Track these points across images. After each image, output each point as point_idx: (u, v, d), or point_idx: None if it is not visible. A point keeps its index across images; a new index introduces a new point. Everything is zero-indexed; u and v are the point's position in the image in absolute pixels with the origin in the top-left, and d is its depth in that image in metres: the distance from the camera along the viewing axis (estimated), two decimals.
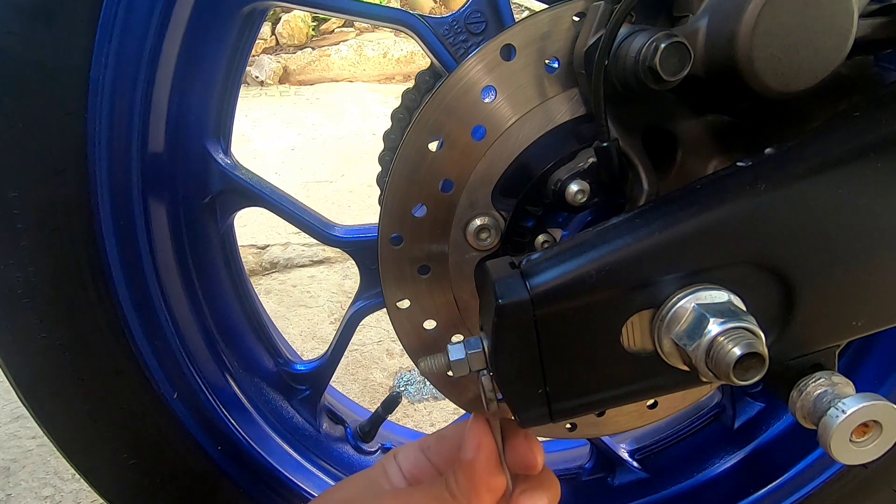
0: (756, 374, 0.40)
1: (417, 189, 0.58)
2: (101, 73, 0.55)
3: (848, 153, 0.44)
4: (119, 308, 0.62)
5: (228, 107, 0.69)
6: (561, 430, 0.68)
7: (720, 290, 0.45)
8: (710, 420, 0.89)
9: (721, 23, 0.45)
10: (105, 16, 0.54)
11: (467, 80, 0.55)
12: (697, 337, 0.42)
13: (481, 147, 0.56)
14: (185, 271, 0.70)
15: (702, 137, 0.55)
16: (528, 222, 0.59)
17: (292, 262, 2.23)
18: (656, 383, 0.48)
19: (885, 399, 0.43)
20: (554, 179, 0.56)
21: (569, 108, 0.56)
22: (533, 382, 0.46)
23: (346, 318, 0.78)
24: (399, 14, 0.62)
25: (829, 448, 0.44)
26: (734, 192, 0.45)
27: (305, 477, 0.79)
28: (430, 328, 0.64)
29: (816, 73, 0.45)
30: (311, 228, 0.74)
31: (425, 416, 1.52)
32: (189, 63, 0.62)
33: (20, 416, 1.43)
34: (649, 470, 0.88)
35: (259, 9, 0.65)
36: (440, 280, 0.61)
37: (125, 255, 0.62)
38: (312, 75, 4.58)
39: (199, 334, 0.72)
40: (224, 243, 0.75)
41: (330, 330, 1.87)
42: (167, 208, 0.67)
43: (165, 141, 0.64)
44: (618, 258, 0.44)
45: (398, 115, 0.71)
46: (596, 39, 0.51)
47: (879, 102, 0.47)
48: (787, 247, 0.45)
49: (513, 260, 0.48)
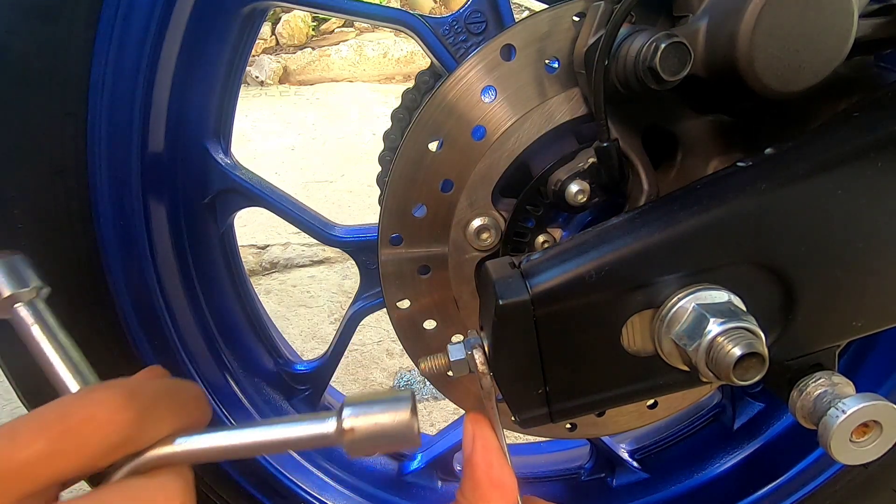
0: (756, 374, 0.40)
1: (417, 189, 0.58)
2: (101, 73, 0.55)
3: (848, 153, 0.44)
4: (119, 308, 0.62)
5: (228, 107, 0.69)
6: (561, 430, 0.68)
7: (720, 291, 0.45)
8: (710, 420, 0.89)
9: (721, 23, 0.45)
10: (105, 16, 0.54)
11: (467, 80, 0.55)
12: (697, 337, 0.42)
13: (481, 147, 0.56)
14: (185, 271, 0.70)
15: (702, 137, 0.55)
16: (528, 222, 0.59)
17: (292, 262, 2.23)
18: (656, 383, 0.48)
19: (885, 399, 0.43)
20: (554, 179, 0.56)
21: (569, 108, 0.56)
22: (533, 382, 0.46)
23: (346, 318, 0.79)
24: (399, 14, 0.62)
25: (829, 448, 0.44)
26: (734, 192, 0.45)
27: (305, 477, 0.79)
28: (430, 328, 0.64)
29: (816, 73, 0.45)
30: (311, 228, 0.74)
31: (425, 416, 1.52)
32: (189, 63, 0.62)
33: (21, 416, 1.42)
34: (649, 470, 0.88)
35: (259, 9, 0.65)
36: (440, 280, 0.61)
37: (125, 255, 0.62)
38: (312, 75, 4.58)
39: (199, 334, 0.72)
40: (224, 243, 0.75)
41: (330, 330, 1.87)
42: (167, 208, 0.67)
43: (165, 141, 0.64)
44: (618, 258, 0.44)
45: (398, 115, 0.71)
46: (596, 39, 0.51)
47: (879, 102, 0.47)
48: (787, 247, 0.45)
49: (513, 260, 0.48)
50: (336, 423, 0.39)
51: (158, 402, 0.39)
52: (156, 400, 0.39)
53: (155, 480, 0.37)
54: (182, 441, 0.39)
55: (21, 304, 0.41)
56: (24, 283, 0.41)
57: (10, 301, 0.40)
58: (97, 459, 0.36)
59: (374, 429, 0.39)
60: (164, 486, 0.37)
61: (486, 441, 0.48)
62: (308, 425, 0.40)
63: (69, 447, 0.34)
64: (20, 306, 0.41)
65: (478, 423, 0.49)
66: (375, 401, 0.40)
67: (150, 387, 0.39)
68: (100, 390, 0.37)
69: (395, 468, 0.87)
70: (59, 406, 0.36)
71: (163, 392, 0.40)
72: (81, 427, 0.35)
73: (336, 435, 0.39)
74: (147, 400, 0.38)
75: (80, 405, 0.36)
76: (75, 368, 0.40)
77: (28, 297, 0.41)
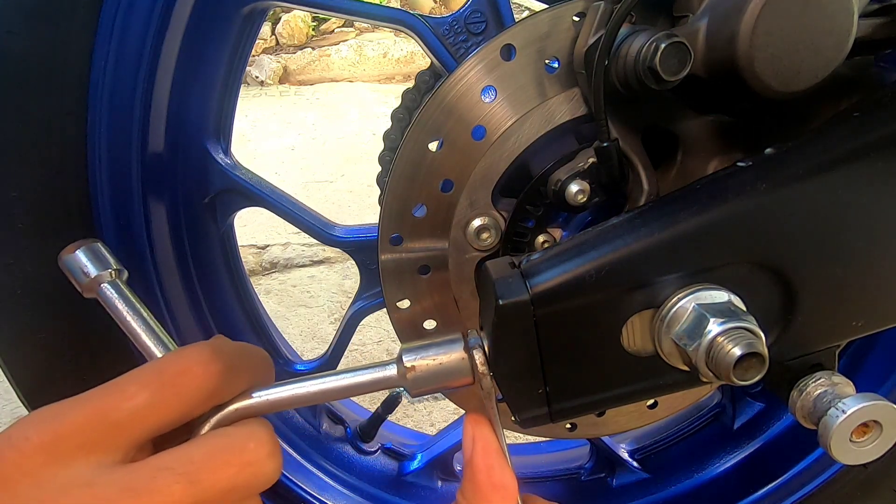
0: (756, 374, 0.40)
1: (417, 189, 0.58)
2: (101, 73, 0.55)
3: (848, 153, 0.44)
4: None
5: (228, 107, 0.69)
6: (561, 430, 0.68)
7: (720, 290, 0.45)
8: (710, 420, 0.89)
9: (721, 23, 0.45)
10: (105, 16, 0.54)
11: (467, 80, 0.55)
12: (697, 337, 0.42)
13: (481, 147, 0.56)
14: (185, 271, 0.70)
15: (702, 137, 0.55)
16: (528, 222, 0.59)
17: (292, 262, 2.23)
18: (656, 383, 0.48)
19: (885, 399, 0.43)
20: (554, 179, 0.56)
21: (569, 108, 0.56)
22: (533, 382, 0.46)
23: (346, 318, 0.79)
24: (399, 14, 0.62)
25: (829, 448, 0.44)
26: (734, 192, 0.45)
27: (305, 477, 0.79)
28: (430, 328, 0.64)
29: (816, 73, 0.45)
30: (311, 228, 0.74)
31: (425, 416, 1.52)
32: (189, 63, 0.62)
33: (20, 416, 1.43)
34: (649, 470, 0.88)
35: (259, 9, 0.65)
36: (440, 280, 0.61)
37: (125, 255, 0.62)
38: (312, 75, 4.58)
39: (199, 334, 0.72)
40: (224, 243, 0.75)
41: (330, 330, 1.87)
42: (167, 208, 0.67)
43: (165, 141, 0.64)
44: (618, 258, 0.44)
45: (398, 115, 0.71)
46: (596, 39, 0.51)
47: (879, 102, 0.47)
48: (787, 247, 0.45)
49: (513, 260, 0.48)
50: (397, 366, 0.44)
51: (238, 359, 0.43)
52: (236, 357, 0.43)
53: (244, 429, 0.41)
54: (260, 394, 0.43)
55: (105, 283, 0.46)
56: (106, 266, 0.47)
57: (97, 281, 0.46)
58: (193, 408, 0.40)
59: (432, 366, 0.44)
60: (253, 434, 0.41)
61: (486, 442, 0.48)
62: (372, 371, 0.45)
63: (170, 397, 0.38)
64: (105, 286, 0.46)
65: (478, 423, 0.49)
66: (430, 344, 0.45)
67: (229, 346, 0.43)
68: (190, 349, 0.41)
69: (395, 468, 0.87)
70: (157, 364, 0.40)
71: (240, 351, 0.44)
72: (178, 379, 0.39)
73: (399, 377, 0.44)
74: (229, 357, 0.41)
75: (174, 361, 0.40)
76: (157, 338, 0.45)
77: (110, 278, 0.46)
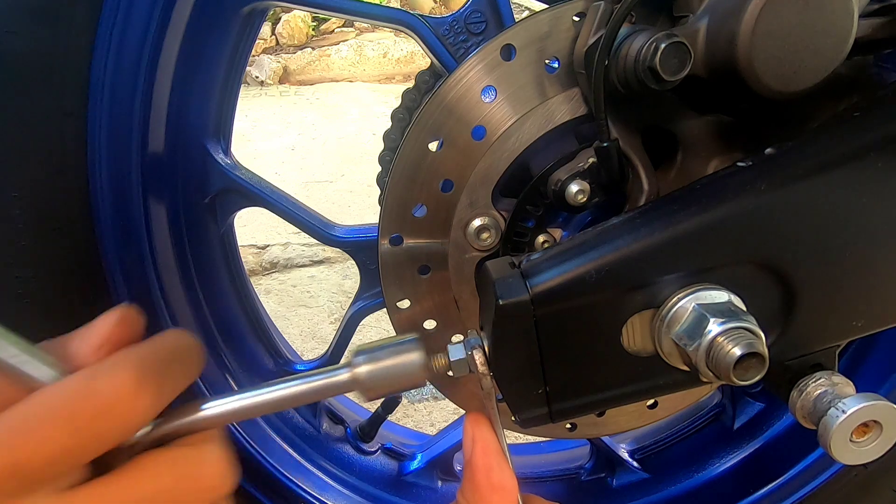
0: (756, 374, 0.40)
1: (417, 189, 0.58)
2: (101, 73, 0.55)
3: (848, 153, 0.44)
4: None
5: (228, 107, 0.69)
6: (561, 430, 0.68)
7: (720, 291, 0.45)
8: (710, 420, 0.89)
9: (721, 23, 0.45)
10: (105, 16, 0.54)
11: (467, 80, 0.55)
12: (697, 337, 0.42)
13: (481, 147, 0.56)
14: (185, 271, 0.70)
15: (702, 137, 0.55)
16: (528, 222, 0.59)
17: (292, 262, 2.23)
18: (656, 383, 0.48)
19: (885, 399, 0.43)
20: (554, 179, 0.56)
21: (569, 108, 0.56)
22: (533, 382, 0.46)
23: (346, 318, 0.79)
24: (399, 14, 0.62)
25: (829, 448, 0.44)
26: (734, 193, 0.45)
27: (305, 477, 0.79)
28: (430, 328, 0.64)
29: (816, 73, 0.45)
30: (311, 228, 0.74)
31: (425, 416, 1.52)
32: (189, 63, 0.62)
33: None
34: (649, 470, 0.88)
35: (259, 9, 0.65)
36: (440, 280, 0.61)
37: (125, 255, 0.62)
38: (312, 75, 4.58)
39: (199, 334, 0.72)
40: (224, 243, 0.75)
41: (330, 330, 1.87)
42: (167, 208, 0.67)
43: (165, 141, 0.64)
44: (618, 258, 0.44)
45: (398, 115, 0.71)
46: (596, 39, 0.51)
47: (879, 102, 0.47)
48: (787, 247, 0.45)
49: (513, 260, 0.48)
50: (348, 370, 0.43)
51: (167, 365, 0.38)
52: (164, 365, 0.37)
53: (197, 448, 0.38)
54: (210, 405, 0.40)
55: None
56: None
57: None
58: (124, 435, 0.35)
59: (383, 370, 0.43)
60: (209, 452, 0.38)
61: (486, 443, 0.48)
62: (324, 377, 0.43)
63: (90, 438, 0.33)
64: None
65: (478, 424, 0.49)
66: (383, 346, 0.44)
67: (155, 357, 0.37)
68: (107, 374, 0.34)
69: (396, 468, 0.87)
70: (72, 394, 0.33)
71: (168, 356, 0.38)
72: (101, 418, 0.33)
73: (350, 381, 0.43)
74: (156, 370, 0.36)
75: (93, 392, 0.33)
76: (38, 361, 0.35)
77: None
